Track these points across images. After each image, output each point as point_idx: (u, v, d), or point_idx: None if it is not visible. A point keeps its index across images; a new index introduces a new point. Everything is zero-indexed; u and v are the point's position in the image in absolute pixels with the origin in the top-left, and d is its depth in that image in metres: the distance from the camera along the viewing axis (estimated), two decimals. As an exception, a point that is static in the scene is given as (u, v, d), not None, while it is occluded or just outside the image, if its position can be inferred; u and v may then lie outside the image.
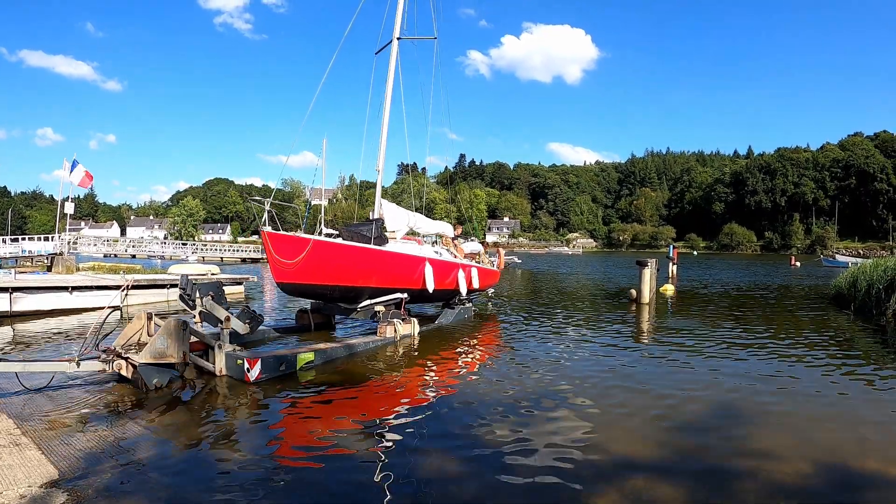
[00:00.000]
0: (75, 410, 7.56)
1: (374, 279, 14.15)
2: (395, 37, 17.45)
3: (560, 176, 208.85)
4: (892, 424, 7.57)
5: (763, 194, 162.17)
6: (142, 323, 9.36)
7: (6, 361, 8.41)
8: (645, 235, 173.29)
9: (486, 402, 8.30)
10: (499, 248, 24.59)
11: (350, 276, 13.62)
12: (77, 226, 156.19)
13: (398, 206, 17.67)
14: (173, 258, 59.75)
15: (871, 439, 6.97)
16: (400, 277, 14.85)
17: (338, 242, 13.45)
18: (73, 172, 33.76)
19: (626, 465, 6.04)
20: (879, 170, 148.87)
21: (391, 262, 14.70)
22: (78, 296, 17.84)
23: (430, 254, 16.43)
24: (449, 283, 16.82)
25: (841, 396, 8.92)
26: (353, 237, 14.12)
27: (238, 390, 8.74)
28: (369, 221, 15.36)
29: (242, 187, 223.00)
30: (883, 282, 17.52)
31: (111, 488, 5.19)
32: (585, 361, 11.26)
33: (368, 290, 14.09)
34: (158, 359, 8.34)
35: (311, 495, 5.26)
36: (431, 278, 15.43)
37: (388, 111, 17.45)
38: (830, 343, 13.61)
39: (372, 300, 14.10)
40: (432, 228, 19.34)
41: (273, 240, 12.35)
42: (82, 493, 5.04)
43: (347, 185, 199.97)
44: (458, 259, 18.37)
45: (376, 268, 14.24)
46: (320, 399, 8.51)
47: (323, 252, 12.91)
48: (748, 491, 5.42)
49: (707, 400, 8.58)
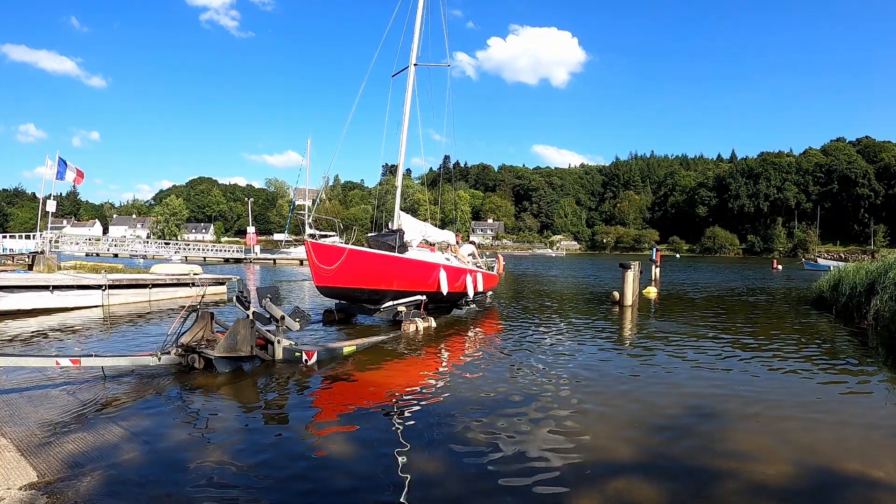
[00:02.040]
0: (55, 412, 7.49)
1: (396, 283, 15.91)
2: (411, 63, 19.58)
3: (544, 178, 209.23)
4: (871, 427, 7.63)
5: (746, 198, 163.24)
6: (205, 322, 10.47)
7: (97, 356, 9.17)
8: (628, 238, 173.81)
9: (466, 402, 8.31)
10: (498, 255, 26.30)
11: (377, 280, 15.44)
12: (59, 224, 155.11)
13: (414, 218, 19.91)
14: (156, 258, 59.31)
15: (852, 441, 7.04)
16: (419, 281, 16.62)
17: (368, 251, 15.52)
18: (66, 170, 33.50)
19: (607, 467, 6.06)
20: (861, 175, 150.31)
21: (411, 268, 16.52)
22: (59, 295, 17.65)
23: (443, 260, 18.32)
24: (459, 287, 18.50)
25: (821, 399, 9.00)
26: (379, 246, 16.11)
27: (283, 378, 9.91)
28: (391, 232, 17.10)
29: (226, 187, 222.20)
30: (863, 285, 17.68)
31: (91, 491, 5.14)
32: (566, 363, 11.27)
33: (391, 293, 15.88)
34: (230, 353, 9.76)
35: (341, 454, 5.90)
36: (445, 282, 17.22)
37: (406, 133, 19.77)
38: (812, 346, 13.74)
39: (395, 301, 15.92)
40: (440, 237, 21.24)
41: (315, 249, 14.38)
42: (62, 496, 5.00)
43: (332, 186, 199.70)
44: (466, 265, 19.93)
45: (399, 273, 16.04)
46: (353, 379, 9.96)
47: (356, 259, 14.88)
48: (729, 492, 5.46)
49: (688, 402, 8.63)
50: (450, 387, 9.45)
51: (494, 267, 24.12)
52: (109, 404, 7.85)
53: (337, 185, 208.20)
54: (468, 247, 23.10)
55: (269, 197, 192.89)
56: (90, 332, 14.32)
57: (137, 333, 14.25)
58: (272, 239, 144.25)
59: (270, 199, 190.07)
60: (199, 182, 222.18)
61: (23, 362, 9.01)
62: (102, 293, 18.56)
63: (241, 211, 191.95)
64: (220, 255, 67.77)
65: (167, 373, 9.63)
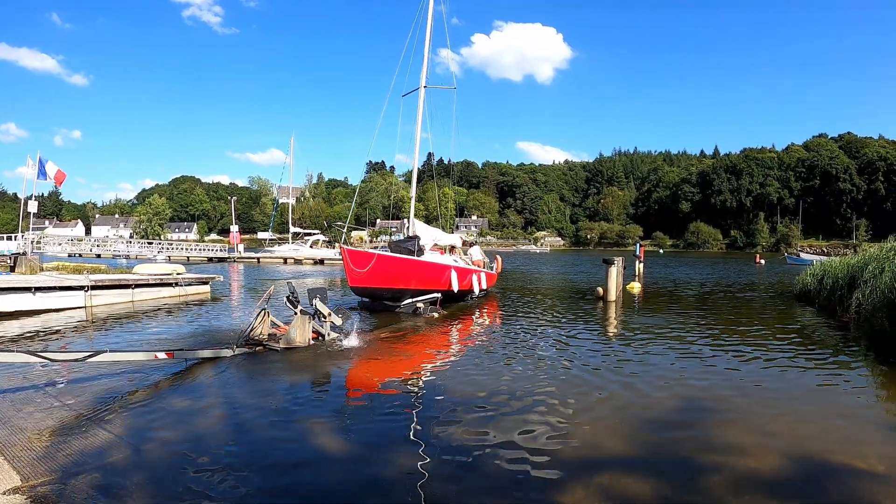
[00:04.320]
0: (38, 414, 7.41)
1: (414, 283, 18.39)
2: (421, 85, 22.77)
3: (528, 175, 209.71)
4: (855, 418, 7.72)
5: (729, 194, 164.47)
6: (262, 318, 12.20)
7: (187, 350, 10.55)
8: (612, 234, 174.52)
9: (452, 397, 8.34)
10: (497, 256, 28.20)
11: (399, 280, 18.01)
12: (41, 224, 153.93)
13: (426, 225, 22.96)
14: (139, 258, 58.86)
15: (835, 433, 7.13)
16: (433, 281, 19.04)
17: (393, 255, 18.21)
18: (46, 170, 33.16)
19: (591, 461, 6.09)
20: (843, 170, 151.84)
21: (427, 270, 18.97)
22: (42, 296, 17.42)
23: (452, 262, 20.78)
24: (466, 285, 20.96)
25: (806, 391, 9.10)
26: (400, 251, 18.97)
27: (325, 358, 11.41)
28: (410, 239, 20.10)
29: (210, 185, 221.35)
30: (845, 279, 17.83)
31: (76, 494, 5.10)
32: (550, 358, 11.31)
33: (410, 292, 18.28)
34: (290, 345, 11.65)
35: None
36: (456, 281, 19.61)
37: (419, 148, 23.45)
38: (795, 339, 13.86)
39: (413, 299, 18.21)
40: (447, 241, 23.88)
41: (350, 254, 17.27)
42: (45, 499, 4.95)
43: (315, 184, 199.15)
44: (471, 266, 22.36)
45: (417, 274, 18.53)
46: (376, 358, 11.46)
47: (382, 263, 17.50)
48: (715, 485, 5.50)
49: (673, 396, 8.69)
50: (439, 380, 9.44)
51: (494, 267, 26.20)
52: (94, 406, 7.79)
53: (321, 182, 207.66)
54: (476, 249, 25.59)
55: (252, 195, 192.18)
56: (81, 332, 14.20)
57: (123, 332, 14.22)
58: (256, 237, 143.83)
59: (254, 198, 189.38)
60: (182, 181, 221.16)
61: (130, 357, 9.83)
62: (85, 294, 18.40)
63: (224, 210, 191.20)
64: (203, 254, 67.21)
65: (159, 373, 9.73)
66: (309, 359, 11.08)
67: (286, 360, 10.90)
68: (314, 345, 12.01)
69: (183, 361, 10.14)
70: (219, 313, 18.13)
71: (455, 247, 24.24)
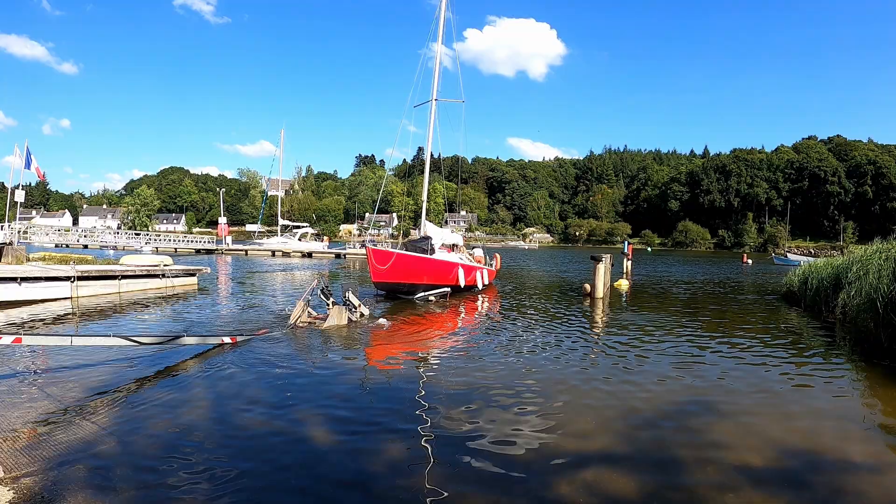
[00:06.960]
0: (23, 408, 7.36)
1: (426, 278, 21.13)
2: (433, 98, 25.36)
3: (518, 171, 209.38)
4: (840, 417, 7.79)
5: (717, 194, 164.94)
6: (301, 306, 14.52)
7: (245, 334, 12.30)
8: (601, 231, 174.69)
9: (437, 393, 8.37)
10: (495, 254, 30.77)
11: (414, 276, 20.69)
12: (28, 214, 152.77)
13: (435, 226, 25.68)
14: (126, 248, 58.57)
15: (820, 431, 7.20)
16: (443, 277, 21.86)
17: (409, 254, 20.72)
18: (29, 163, 32.85)
19: (576, 457, 6.12)
20: (832, 173, 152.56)
21: (438, 267, 21.77)
22: (28, 287, 17.30)
23: (458, 260, 23.60)
24: (471, 280, 23.52)
25: (791, 389, 9.20)
26: (415, 250, 21.60)
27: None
28: (423, 239, 23.26)
29: (198, 177, 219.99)
30: (830, 280, 17.95)
31: (57, 485, 5.08)
32: (536, 355, 11.37)
33: (422, 286, 20.92)
34: (330, 328, 13.59)
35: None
36: (462, 277, 22.54)
37: (429, 157, 26.97)
38: (781, 339, 13.97)
39: (426, 292, 20.78)
40: (452, 240, 26.23)
41: (374, 253, 19.70)
42: (28, 491, 4.94)
43: (304, 176, 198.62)
44: (475, 263, 25.25)
45: (429, 270, 21.31)
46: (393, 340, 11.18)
47: (401, 261, 20.00)
48: (700, 481, 5.55)
49: (659, 393, 8.74)
50: (431, 375, 9.45)
51: (493, 264, 28.97)
52: (78, 398, 7.76)
53: (310, 175, 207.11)
54: (479, 250, 28.43)
55: (241, 187, 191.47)
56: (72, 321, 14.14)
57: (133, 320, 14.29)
58: (245, 230, 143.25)
59: (243, 190, 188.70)
60: (171, 172, 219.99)
61: (204, 341, 11.15)
62: (72, 285, 18.29)
63: (212, 201, 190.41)
64: (191, 245, 66.82)
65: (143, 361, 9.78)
66: (342, 338, 12.84)
67: (328, 338, 12.77)
68: (349, 325, 14.12)
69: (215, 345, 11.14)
70: (203, 302, 18.10)
71: (457, 245, 26.43)
